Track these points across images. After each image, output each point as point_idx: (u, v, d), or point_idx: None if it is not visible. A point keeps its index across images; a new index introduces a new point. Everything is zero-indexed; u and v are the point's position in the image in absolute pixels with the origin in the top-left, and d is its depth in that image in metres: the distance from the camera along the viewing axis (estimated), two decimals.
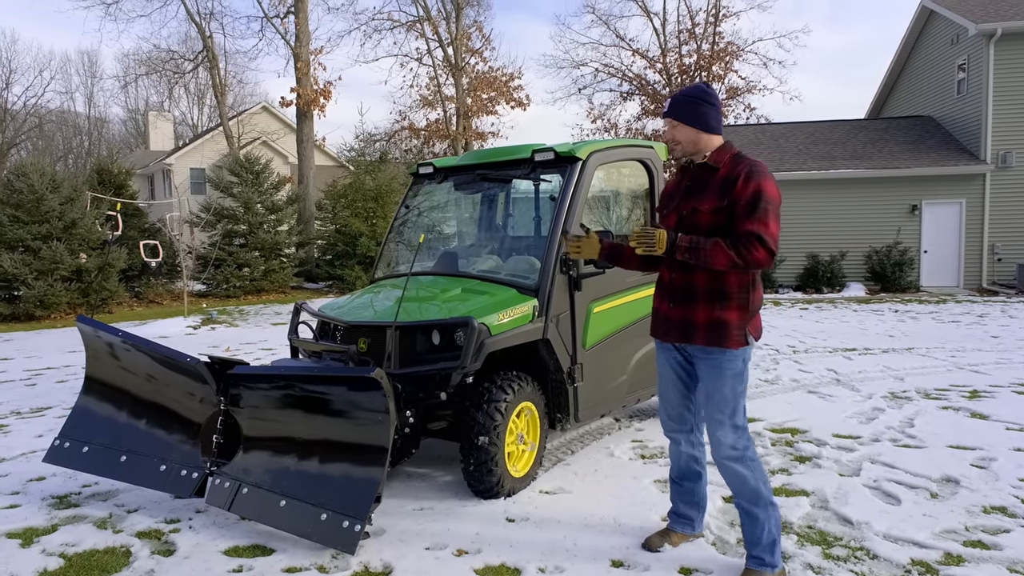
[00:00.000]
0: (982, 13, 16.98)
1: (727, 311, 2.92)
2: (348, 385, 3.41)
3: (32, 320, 13.32)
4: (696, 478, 3.33)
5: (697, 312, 2.96)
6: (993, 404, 6.03)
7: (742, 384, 2.97)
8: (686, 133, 3.02)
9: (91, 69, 55.94)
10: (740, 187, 2.86)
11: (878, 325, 11.24)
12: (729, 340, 2.91)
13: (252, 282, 17.62)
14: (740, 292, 2.93)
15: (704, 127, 3.00)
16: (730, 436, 2.96)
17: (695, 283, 2.96)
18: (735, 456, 2.96)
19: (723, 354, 2.93)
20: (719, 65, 30.06)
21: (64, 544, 3.50)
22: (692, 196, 3.02)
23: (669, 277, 3.07)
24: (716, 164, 2.99)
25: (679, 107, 3.03)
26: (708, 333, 2.94)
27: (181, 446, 3.86)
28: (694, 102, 3.02)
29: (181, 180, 29.11)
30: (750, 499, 2.99)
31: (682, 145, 3.04)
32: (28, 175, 13.77)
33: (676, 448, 3.31)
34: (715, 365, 2.95)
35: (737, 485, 2.99)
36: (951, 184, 16.94)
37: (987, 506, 3.82)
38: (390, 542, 3.48)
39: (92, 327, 4.07)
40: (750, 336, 2.95)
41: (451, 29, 26.85)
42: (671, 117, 3.05)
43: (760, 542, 3.00)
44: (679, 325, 3.02)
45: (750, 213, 2.82)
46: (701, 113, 3.00)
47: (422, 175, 5.33)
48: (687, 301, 2.99)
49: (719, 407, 2.96)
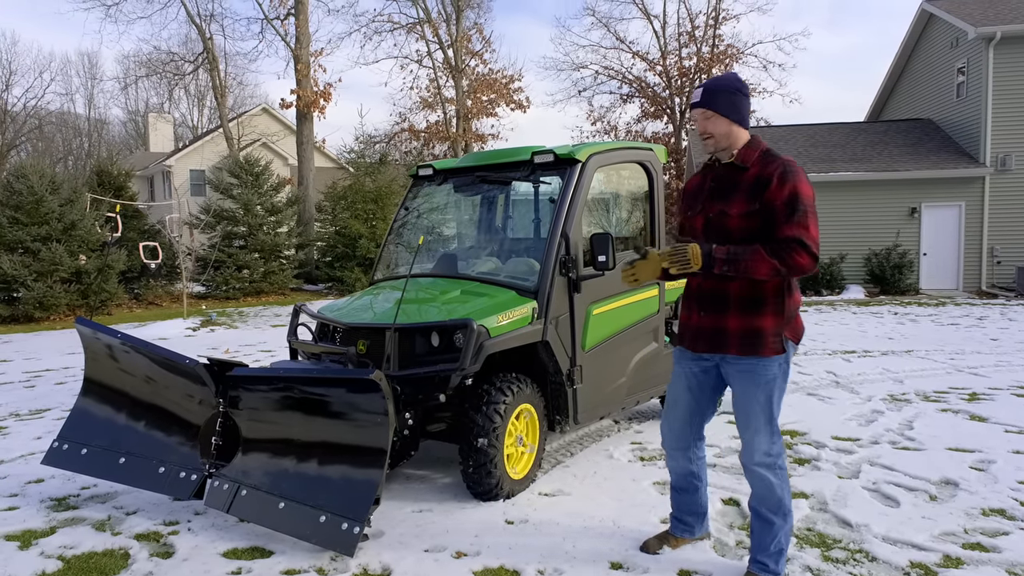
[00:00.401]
0: (981, 17, 17.01)
1: (761, 318, 2.78)
2: (347, 387, 3.41)
3: (31, 322, 13.32)
4: (695, 490, 3.29)
5: (729, 320, 2.81)
6: (992, 407, 6.03)
7: (778, 391, 2.84)
8: (720, 125, 2.81)
9: (91, 71, 56.07)
10: (775, 189, 2.69)
11: (877, 327, 11.25)
12: (764, 348, 2.78)
13: (252, 284, 17.63)
14: (775, 298, 2.79)
15: (738, 119, 2.82)
16: (764, 443, 2.86)
17: (727, 290, 2.81)
18: (768, 463, 2.87)
19: (757, 362, 2.80)
20: (719, 68, 30.07)
21: (63, 546, 3.50)
22: (719, 198, 2.85)
23: (697, 285, 2.92)
24: (744, 163, 2.82)
25: (713, 96, 2.81)
26: (741, 342, 2.80)
27: (180, 448, 3.86)
28: (730, 92, 2.82)
29: (181, 182, 29.12)
30: (772, 507, 2.91)
31: (715, 139, 2.83)
32: (28, 176, 13.77)
33: (673, 463, 3.24)
34: (748, 373, 2.83)
35: (764, 491, 2.90)
36: (950, 187, 16.96)
37: (986, 508, 3.82)
38: (389, 544, 3.48)
39: (91, 329, 4.07)
40: (788, 342, 2.81)
41: (451, 31, 26.88)
42: (705, 107, 2.82)
43: (768, 549, 2.95)
44: (710, 334, 2.87)
45: (789, 217, 2.66)
46: (736, 104, 2.82)
47: (422, 177, 5.33)
48: (718, 310, 2.84)
49: (754, 414, 2.85)
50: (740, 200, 2.78)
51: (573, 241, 4.32)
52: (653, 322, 5.06)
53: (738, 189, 2.81)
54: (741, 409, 2.89)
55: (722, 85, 2.84)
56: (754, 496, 2.97)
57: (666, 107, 31.18)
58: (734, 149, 2.85)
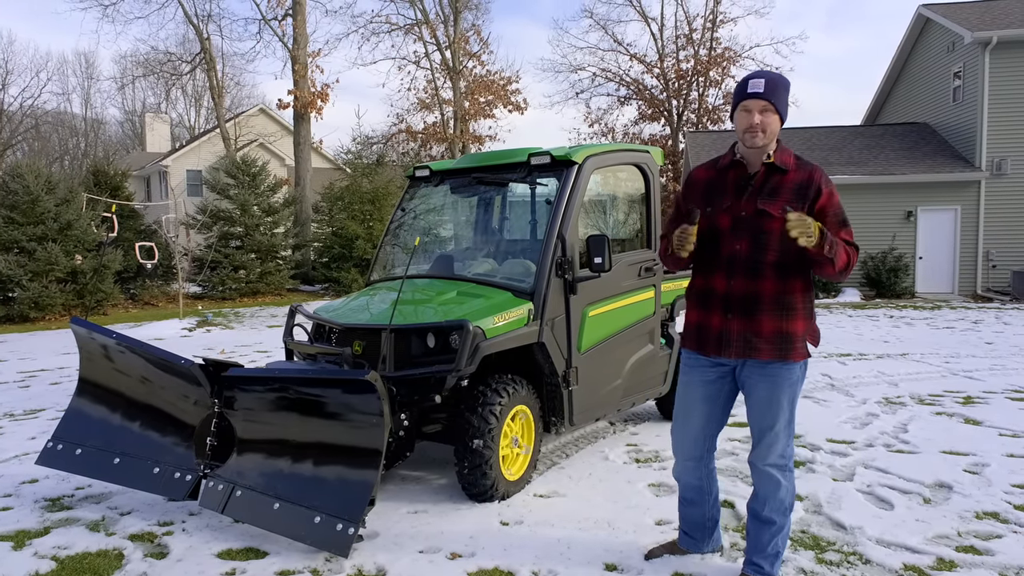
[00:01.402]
0: (978, 21, 17.08)
1: (794, 322, 2.74)
2: (343, 388, 3.40)
3: (26, 322, 13.28)
4: (703, 503, 3.19)
5: (762, 324, 2.74)
6: (986, 410, 6.05)
7: (798, 394, 2.85)
8: (776, 124, 2.71)
9: (88, 70, 55.94)
10: (827, 198, 2.72)
11: (873, 331, 11.27)
12: (794, 352, 2.76)
13: (248, 284, 17.60)
14: (806, 300, 2.78)
15: (784, 121, 2.76)
16: (782, 445, 2.84)
17: (760, 292, 2.73)
18: (780, 464, 2.86)
19: (783, 366, 2.77)
20: (716, 70, 30.17)
21: (56, 547, 3.49)
22: (755, 197, 2.76)
23: (726, 286, 2.79)
24: (785, 166, 2.77)
25: (776, 91, 2.68)
26: (774, 346, 2.74)
27: (175, 448, 3.86)
28: (787, 91, 2.73)
29: (177, 182, 29.08)
30: (776, 507, 2.89)
31: (765, 135, 2.71)
32: (24, 176, 13.74)
33: (685, 476, 3.14)
34: (774, 377, 2.78)
35: (771, 492, 2.88)
36: (946, 191, 17.01)
37: (980, 511, 3.83)
38: (384, 545, 3.48)
39: (86, 329, 4.06)
40: (810, 346, 2.82)
41: (449, 32, 26.90)
42: (768, 100, 2.67)
43: (765, 550, 2.94)
44: (740, 338, 2.77)
45: (842, 226, 2.75)
46: (788, 105, 2.75)
47: (419, 178, 5.33)
48: (748, 312, 2.75)
49: (775, 417, 2.81)
50: (784, 201, 2.73)
51: (569, 243, 4.32)
52: (649, 324, 5.07)
53: (781, 191, 2.76)
54: (762, 412, 2.84)
55: (783, 83, 2.72)
56: (758, 497, 2.94)
57: (663, 109, 31.24)
58: (771, 149, 2.79)
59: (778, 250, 2.73)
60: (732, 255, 2.79)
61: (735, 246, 2.78)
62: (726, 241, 2.80)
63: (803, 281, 2.79)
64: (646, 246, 5.14)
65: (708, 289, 2.87)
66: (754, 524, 2.97)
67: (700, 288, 2.93)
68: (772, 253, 2.73)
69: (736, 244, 2.78)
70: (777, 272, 2.73)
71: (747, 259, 2.76)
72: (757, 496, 2.94)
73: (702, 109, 30.90)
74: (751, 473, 2.96)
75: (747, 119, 2.71)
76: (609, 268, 4.17)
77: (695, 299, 2.96)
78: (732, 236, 2.79)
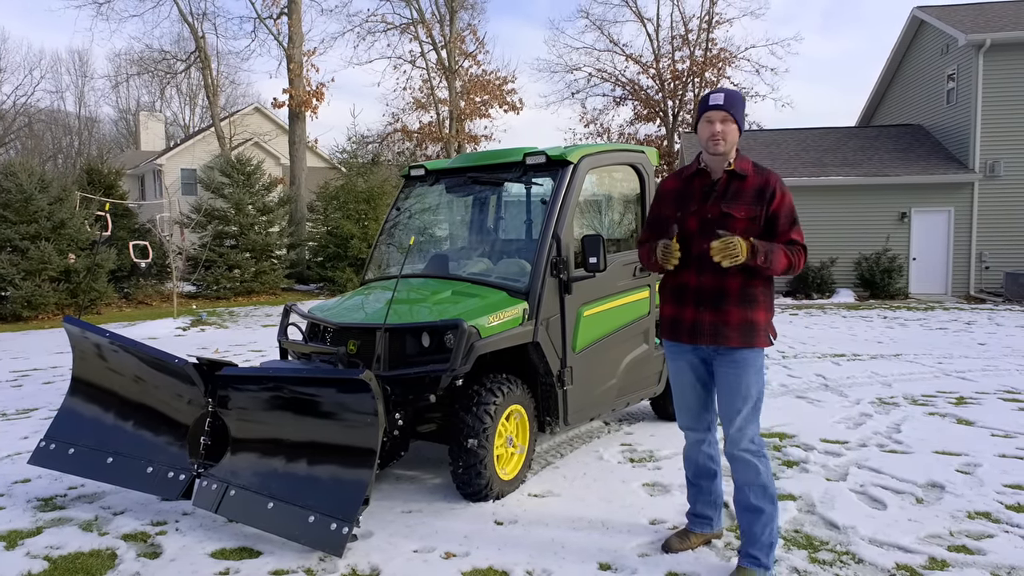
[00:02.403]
0: (972, 24, 17.15)
1: (757, 311, 3.03)
2: (337, 387, 3.40)
3: (19, 321, 13.22)
4: (712, 476, 3.37)
5: (730, 314, 3.01)
6: (979, 410, 6.07)
7: (763, 380, 3.09)
8: (735, 134, 3.02)
9: (82, 68, 55.64)
10: (779, 200, 3.00)
11: (867, 331, 11.31)
12: (757, 339, 3.03)
13: (242, 283, 17.56)
14: (766, 293, 3.07)
15: (741, 131, 3.08)
16: (753, 429, 3.06)
17: (727, 286, 3.01)
18: (753, 449, 3.06)
19: (750, 352, 3.04)
20: (712, 71, 30.21)
21: (49, 546, 3.48)
22: (719, 201, 3.04)
23: (696, 281, 3.06)
24: (744, 172, 3.06)
25: (734, 104, 3.01)
26: (740, 334, 3.01)
27: (168, 448, 3.84)
28: (743, 104, 3.08)
29: (172, 181, 28.99)
30: (759, 493, 3.05)
31: (725, 143, 3.01)
32: (17, 175, 13.68)
33: (695, 448, 3.35)
34: (741, 363, 3.04)
35: (751, 477, 3.06)
36: (940, 192, 17.08)
37: (972, 511, 3.85)
38: (378, 545, 3.47)
39: (79, 328, 4.05)
40: (771, 336, 3.08)
41: (445, 32, 26.89)
42: (727, 111, 2.99)
43: (759, 540, 3.06)
44: (711, 328, 3.04)
45: (792, 225, 3.01)
46: (744, 117, 3.08)
47: (414, 177, 5.33)
48: (717, 304, 3.02)
49: (744, 402, 3.04)
50: (745, 205, 3.02)
51: (564, 243, 4.33)
52: (644, 324, 5.08)
53: (741, 195, 3.04)
54: (732, 398, 3.06)
55: (740, 97, 3.06)
56: (741, 488, 3.10)
57: (659, 110, 31.28)
58: (731, 157, 3.07)
59: None
60: (700, 254, 3.04)
61: (703, 246, 3.03)
62: (695, 241, 3.07)
63: (763, 277, 3.05)
64: None
65: (680, 285, 3.15)
66: (745, 516, 3.10)
67: (673, 284, 3.19)
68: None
69: (704, 244, 3.02)
70: (741, 268, 2.97)
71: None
72: (740, 487, 3.11)
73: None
74: (730, 465, 3.12)
75: (709, 128, 3.02)
76: (604, 268, 4.18)
77: (669, 294, 3.23)
78: (700, 237, 3.05)
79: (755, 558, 3.06)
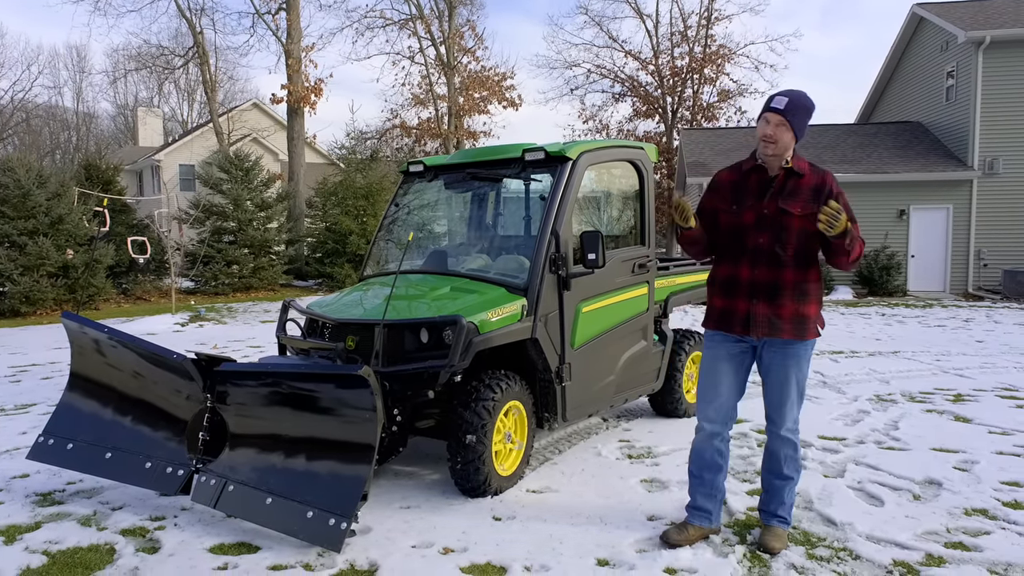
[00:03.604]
0: (971, 21, 17.14)
1: (809, 305, 3.18)
2: (335, 383, 3.40)
3: (17, 316, 13.20)
4: (717, 470, 3.43)
5: (784, 308, 3.15)
6: (976, 408, 6.09)
7: (808, 368, 3.30)
8: (788, 139, 3.09)
9: (80, 64, 55.45)
10: (838, 199, 3.08)
11: (865, 328, 11.33)
12: (808, 332, 3.19)
13: (241, 279, 17.54)
14: (818, 287, 3.22)
15: (800, 137, 3.13)
16: (796, 413, 3.30)
17: (782, 280, 3.15)
18: (794, 429, 3.31)
19: (801, 344, 3.20)
20: (711, 68, 30.19)
21: (47, 541, 3.48)
22: (776, 197, 3.15)
23: (751, 275, 3.19)
24: (801, 171, 3.16)
25: (798, 113, 3.07)
26: (794, 326, 3.16)
27: (167, 443, 3.84)
28: (807, 111, 3.12)
29: (170, 176, 28.94)
30: (792, 465, 3.34)
31: (776, 146, 3.10)
32: (15, 170, 13.64)
33: (707, 442, 3.40)
34: (792, 355, 3.20)
35: (791, 453, 3.32)
36: (939, 190, 17.08)
37: (969, 508, 3.86)
38: (376, 540, 3.48)
39: (78, 323, 4.04)
40: (820, 328, 3.25)
41: (444, 28, 26.83)
42: (784, 116, 3.06)
43: (785, 503, 3.38)
44: (765, 320, 3.17)
45: (852, 221, 3.04)
46: (805, 125, 3.14)
47: (412, 173, 5.32)
48: (772, 297, 3.16)
49: (792, 390, 3.24)
50: (802, 202, 3.14)
51: (563, 239, 4.32)
52: (642, 320, 5.08)
53: (798, 192, 3.15)
54: (781, 385, 3.25)
55: (804, 104, 3.10)
56: (780, 460, 3.33)
57: (658, 106, 31.25)
58: (787, 156, 3.17)
59: (796, 244, 3.13)
60: (756, 248, 3.18)
61: (758, 240, 3.17)
62: (750, 235, 3.19)
63: (816, 271, 3.22)
64: (640, 242, 5.15)
65: (733, 277, 3.26)
66: (776, 484, 3.37)
67: (725, 276, 3.30)
68: (791, 246, 3.14)
69: (759, 238, 3.17)
70: (796, 262, 3.14)
71: (769, 251, 3.16)
72: (779, 459, 3.34)
73: (696, 106, 30.94)
74: (770, 442, 3.36)
75: (763, 128, 3.12)
76: (603, 264, 4.18)
77: (720, 286, 3.32)
78: (756, 231, 3.18)
79: (782, 518, 3.39)
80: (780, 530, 3.37)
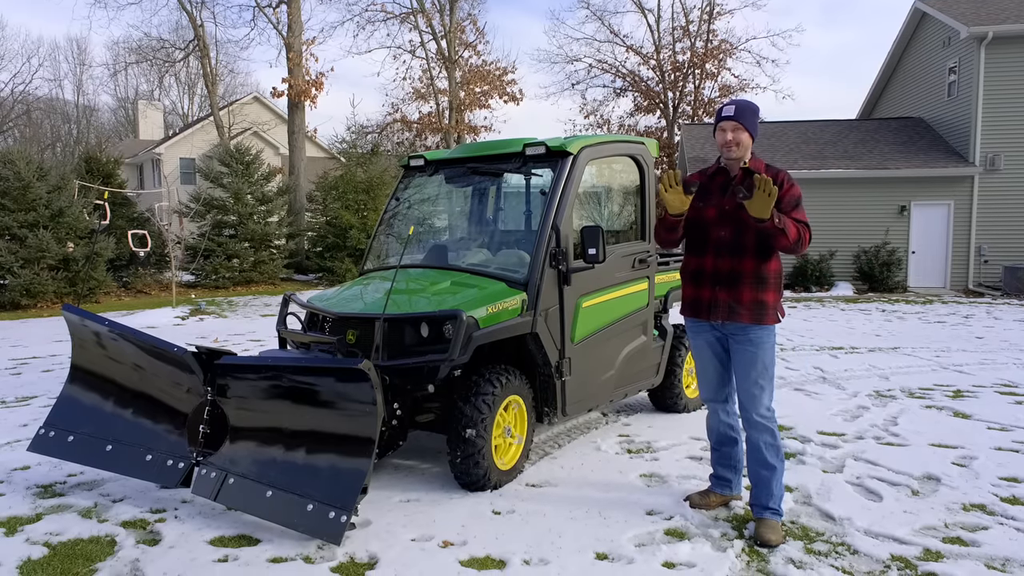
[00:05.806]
0: (974, 16, 17.08)
1: (766, 293, 3.41)
2: (336, 376, 3.41)
3: (18, 309, 13.21)
4: (733, 443, 3.74)
5: (743, 294, 3.41)
6: (976, 404, 6.09)
7: (774, 355, 3.48)
8: (746, 139, 3.43)
9: (80, 57, 55.44)
10: (786, 190, 3.37)
11: (865, 324, 11.33)
12: (767, 317, 3.41)
13: (241, 273, 17.55)
14: (775, 277, 3.45)
15: (754, 136, 3.46)
16: (767, 399, 3.46)
17: (742, 269, 3.40)
18: (768, 416, 3.46)
19: (762, 330, 3.42)
20: (712, 63, 30.10)
21: (48, 533, 3.49)
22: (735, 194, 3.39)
23: (714, 265, 3.47)
24: (757, 170, 3.42)
25: (747, 115, 3.42)
26: (752, 312, 3.40)
27: (167, 436, 3.85)
28: (754, 112, 3.46)
29: (171, 170, 28.90)
30: (774, 453, 3.46)
31: (739, 148, 3.42)
32: (15, 163, 13.63)
33: (715, 418, 3.73)
34: (755, 341, 3.42)
35: (768, 438, 3.46)
36: (940, 186, 17.06)
37: (967, 504, 3.87)
38: (376, 533, 3.49)
39: (78, 316, 4.05)
40: (779, 315, 3.45)
41: (445, 22, 26.76)
42: (740, 122, 3.40)
43: (774, 494, 3.46)
44: (726, 305, 3.44)
45: (795, 207, 3.36)
46: (756, 124, 3.49)
47: (413, 168, 5.32)
48: (732, 285, 3.42)
49: (760, 375, 3.43)
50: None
51: (564, 234, 4.33)
52: (642, 315, 5.08)
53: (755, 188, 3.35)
54: (747, 368, 3.45)
55: (750, 106, 3.47)
56: (757, 447, 3.47)
57: (659, 101, 31.18)
58: (746, 158, 3.49)
59: (754, 235, 3.37)
60: (718, 240, 3.46)
61: (720, 233, 3.46)
62: (713, 229, 3.48)
63: (775, 262, 3.45)
64: (640, 238, 5.15)
65: (699, 267, 3.56)
66: (763, 475, 3.48)
67: (693, 267, 3.60)
68: (750, 238, 3.39)
69: (721, 231, 3.46)
70: (754, 253, 3.39)
71: (730, 242, 3.43)
72: (756, 447, 3.48)
73: (697, 101, 30.86)
74: (748, 431, 3.51)
75: (723, 136, 3.45)
76: (603, 259, 4.18)
77: (689, 276, 3.63)
78: (717, 225, 3.47)
79: (773, 509, 3.46)
80: (773, 522, 3.46)
